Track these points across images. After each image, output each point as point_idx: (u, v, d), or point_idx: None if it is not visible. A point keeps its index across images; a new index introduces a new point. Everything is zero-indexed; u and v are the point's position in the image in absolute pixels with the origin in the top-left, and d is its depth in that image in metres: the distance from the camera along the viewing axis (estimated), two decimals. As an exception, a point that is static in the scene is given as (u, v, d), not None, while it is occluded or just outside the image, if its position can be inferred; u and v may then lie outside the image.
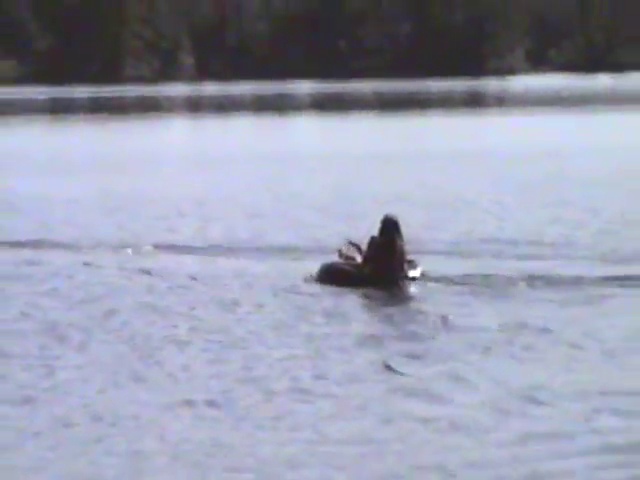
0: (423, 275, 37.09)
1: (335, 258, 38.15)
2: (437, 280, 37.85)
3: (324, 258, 38.93)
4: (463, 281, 38.45)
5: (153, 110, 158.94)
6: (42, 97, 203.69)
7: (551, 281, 37.43)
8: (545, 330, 30.24)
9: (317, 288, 37.16)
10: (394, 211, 43.10)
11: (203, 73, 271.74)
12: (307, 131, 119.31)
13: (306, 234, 48.68)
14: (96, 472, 18.89)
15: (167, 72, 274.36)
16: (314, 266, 38.33)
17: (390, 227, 36.54)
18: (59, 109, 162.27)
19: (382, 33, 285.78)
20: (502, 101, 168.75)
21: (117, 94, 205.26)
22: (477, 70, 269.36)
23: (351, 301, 35.91)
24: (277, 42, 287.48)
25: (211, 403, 24.03)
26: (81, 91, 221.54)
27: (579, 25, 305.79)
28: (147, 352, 28.72)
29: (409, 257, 37.13)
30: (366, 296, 36.36)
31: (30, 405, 23.66)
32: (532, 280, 37.67)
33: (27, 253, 44.72)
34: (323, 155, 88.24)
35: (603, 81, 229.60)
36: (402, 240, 36.54)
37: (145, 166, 78.73)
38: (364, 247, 37.48)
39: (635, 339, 29.36)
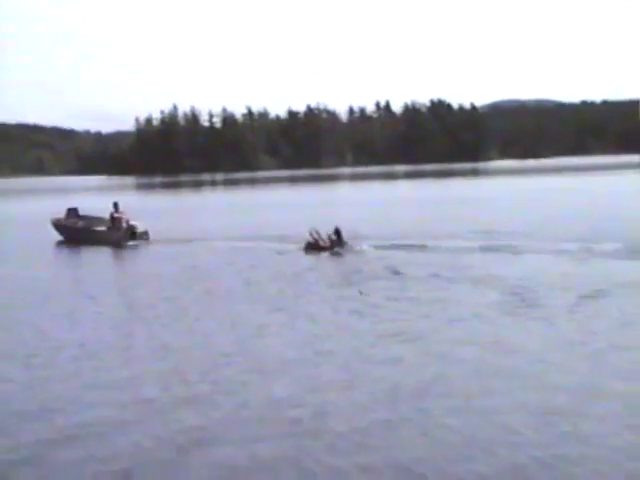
0: (349, 247, 36.31)
1: (308, 236, 37.17)
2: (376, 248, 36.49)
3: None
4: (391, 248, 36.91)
5: (336, 180, 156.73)
6: (285, 175, 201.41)
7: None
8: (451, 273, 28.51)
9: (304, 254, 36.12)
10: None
11: (356, 163, 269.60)
12: (402, 188, 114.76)
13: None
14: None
15: (341, 163, 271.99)
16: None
17: (337, 230, 36.94)
18: (294, 180, 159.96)
19: (436, 145, 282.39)
20: (486, 173, 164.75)
21: (319, 173, 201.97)
22: (475, 159, 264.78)
23: (326, 259, 34.89)
24: (391, 148, 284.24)
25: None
26: (302, 172, 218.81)
27: (521, 135, 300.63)
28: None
29: (348, 242, 36.62)
30: (331, 255, 35.45)
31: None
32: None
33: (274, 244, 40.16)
34: (409, 198, 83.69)
35: (533, 163, 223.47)
36: (342, 234, 36.80)
37: (334, 206, 75.48)
38: (323, 233, 37.11)
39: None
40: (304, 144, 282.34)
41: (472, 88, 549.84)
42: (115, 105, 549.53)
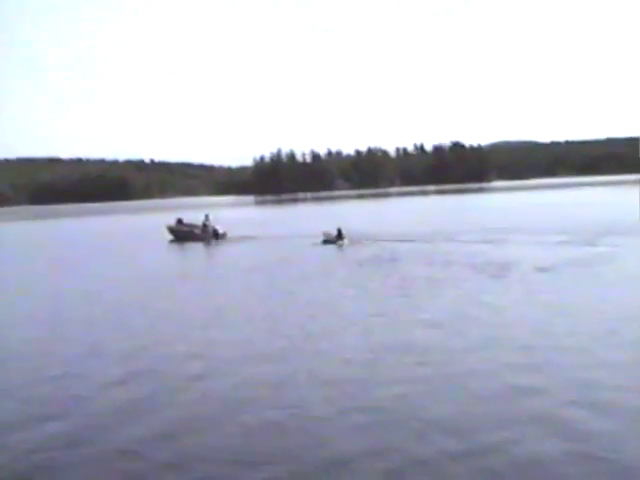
0: (348, 240, 35.74)
1: (322, 235, 37.05)
2: (357, 241, 35.99)
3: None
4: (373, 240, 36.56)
5: (388, 196, 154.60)
6: (354, 193, 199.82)
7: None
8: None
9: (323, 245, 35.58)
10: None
11: (401, 184, 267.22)
12: (433, 200, 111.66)
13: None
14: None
15: (391, 185, 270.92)
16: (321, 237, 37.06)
17: (339, 229, 36.30)
18: (360, 196, 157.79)
19: (454, 172, 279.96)
20: (488, 190, 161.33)
21: (376, 192, 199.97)
22: (480, 180, 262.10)
23: (335, 249, 33.98)
24: (424, 174, 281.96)
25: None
26: (365, 191, 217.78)
27: (511, 164, 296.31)
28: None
29: (345, 237, 35.87)
30: (338, 247, 34.68)
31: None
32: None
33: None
34: (436, 207, 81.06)
35: (519, 183, 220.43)
36: (343, 232, 36.25)
37: (383, 214, 74.20)
38: (333, 232, 36.72)
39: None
40: (366, 172, 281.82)
41: (478, 133, 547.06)
42: (240, 148, 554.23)
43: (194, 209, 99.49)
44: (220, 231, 45.11)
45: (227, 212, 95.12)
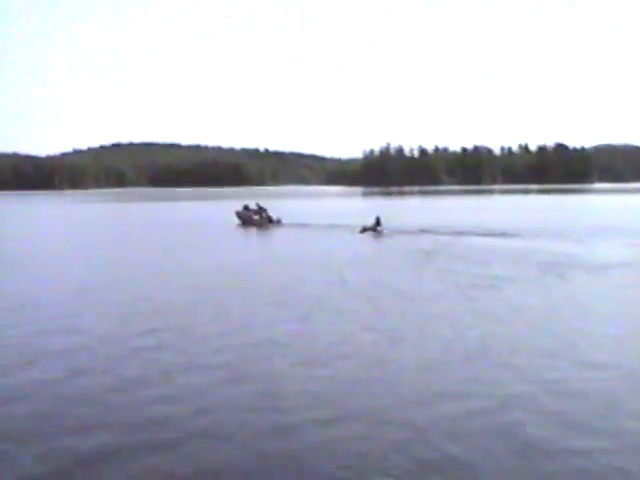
0: (382, 230, 38.43)
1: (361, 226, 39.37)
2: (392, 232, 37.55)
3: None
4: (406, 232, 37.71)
5: (491, 193, 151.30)
6: (458, 189, 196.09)
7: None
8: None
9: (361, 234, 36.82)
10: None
11: (504, 182, 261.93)
12: (534, 199, 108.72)
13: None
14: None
15: (494, 182, 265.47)
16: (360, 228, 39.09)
17: (377, 218, 39.28)
18: (464, 192, 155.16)
19: (557, 172, 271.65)
20: (592, 191, 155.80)
21: (480, 188, 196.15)
22: (583, 182, 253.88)
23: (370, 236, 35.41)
24: (527, 173, 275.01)
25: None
26: (468, 187, 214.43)
27: (613, 166, 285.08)
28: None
29: (383, 226, 38.72)
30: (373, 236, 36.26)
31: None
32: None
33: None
34: (536, 206, 79.53)
35: (619, 185, 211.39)
36: (381, 221, 39.21)
37: (482, 210, 71.71)
38: (370, 223, 39.42)
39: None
40: (471, 169, 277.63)
41: (581, 135, 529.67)
42: (350, 141, 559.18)
43: (303, 197, 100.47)
44: (274, 218, 48.80)
45: (322, 201, 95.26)
